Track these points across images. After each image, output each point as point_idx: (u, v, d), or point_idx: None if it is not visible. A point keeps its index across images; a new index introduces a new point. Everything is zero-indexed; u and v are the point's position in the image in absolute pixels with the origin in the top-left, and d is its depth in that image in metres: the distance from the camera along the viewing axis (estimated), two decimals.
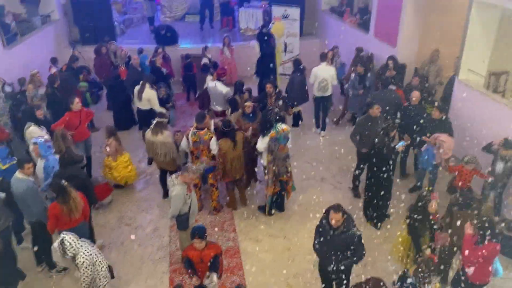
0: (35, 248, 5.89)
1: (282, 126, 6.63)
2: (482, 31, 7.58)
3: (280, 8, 12.38)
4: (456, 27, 8.44)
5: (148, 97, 8.51)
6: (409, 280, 4.57)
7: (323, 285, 5.20)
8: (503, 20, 7.58)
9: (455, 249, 5.51)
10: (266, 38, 10.52)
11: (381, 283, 4.30)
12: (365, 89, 9.08)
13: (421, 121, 7.21)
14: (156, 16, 13.86)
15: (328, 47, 11.55)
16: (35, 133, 7.00)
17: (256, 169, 7.88)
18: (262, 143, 6.65)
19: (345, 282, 4.98)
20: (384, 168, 6.43)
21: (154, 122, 7.05)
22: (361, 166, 7.49)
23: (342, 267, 4.79)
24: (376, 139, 6.50)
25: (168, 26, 12.92)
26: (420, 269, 4.55)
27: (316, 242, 4.92)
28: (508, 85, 8.18)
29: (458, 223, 5.27)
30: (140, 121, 9.06)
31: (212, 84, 8.78)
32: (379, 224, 6.89)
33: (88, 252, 4.79)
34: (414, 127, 7.23)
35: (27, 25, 11.07)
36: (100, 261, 4.94)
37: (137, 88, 8.57)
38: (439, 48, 9.23)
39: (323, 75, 9.16)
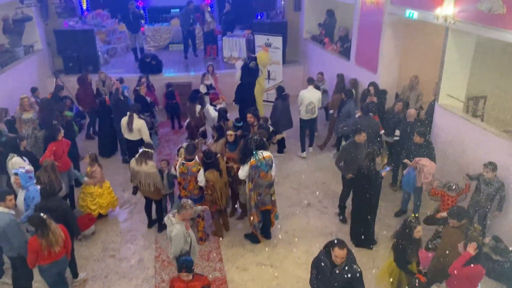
0: None
1: (263, 154, 6.57)
2: (459, 57, 7.82)
3: (263, 37, 12.62)
4: (435, 52, 8.69)
5: (138, 127, 8.43)
6: None
7: None
8: (478, 46, 7.86)
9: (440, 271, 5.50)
10: (249, 70, 10.63)
11: None
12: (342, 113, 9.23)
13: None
14: (137, 46, 13.88)
15: (310, 74, 11.77)
16: (18, 164, 6.88)
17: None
18: (242, 171, 6.60)
19: None
20: (369, 193, 6.47)
21: (140, 151, 7.01)
22: (347, 190, 7.52)
23: None
24: (361, 165, 6.55)
25: (153, 54, 13.03)
26: None
27: (313, 277, 4.67)
28: (487, 109, 8.40)
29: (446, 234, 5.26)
30: (130, 152, 8.72)
31: (211, 109, 9.15)
32: (366, 248, 6.87)
33: None
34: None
35: (9, 55, 11.04)
36: None
37: (125, 119, 8.45)
38: (419, 73, 9.48)
39: (310, 98, 9.48)
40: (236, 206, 7.91)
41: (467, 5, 6.98)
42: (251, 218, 6.83)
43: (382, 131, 8.48)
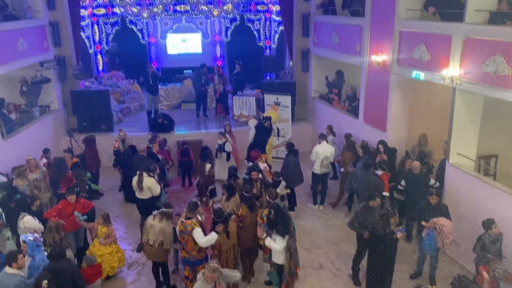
0: None
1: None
2: (468, 116, 7.88)
3: (272, 96, 12.93)
4: (443, 110, 8.78)
5: (148, 186, 8.41)
6: None
7: None
8: (487, 105, 7.93)
9: None
10: (264, 129, 10.85)
11: None
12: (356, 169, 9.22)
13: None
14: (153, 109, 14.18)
15: (319, 131, 11.89)
16: (29, 223, 6.90)
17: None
18: (280, 244, 6.30)
19: None
20: (385, 255, 6.30)
21: (161, 211, 6.98)
22: (361, 252, 7.34)
23: None
24: (376, 226, 6.44)
25: (165, 114, 13.32)
26: None
27: None
28: (499, 168, 8.33)
29: None
30: (141, 211, 8.67)
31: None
32: None
33: None
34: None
35: (26, 115, 11.37)
36: None
37: (135, 179, 8.45)
38: (428, 130, 9.54)
39: (325, 153, 9.70)
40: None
41: (473, 67, 7.15)
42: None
43: (386, 193, 8.46)
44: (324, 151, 9.74)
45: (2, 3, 10.65)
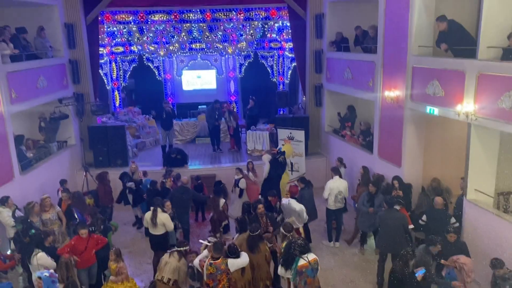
0: None
1: (308, 257, 6.25)
2: (485, 152, 7.79)
3: (285, 130, 12.99)
4: (459, 144, 8.67)
5: (162, 222, 8.38)
6: None
7: None
8: (504, 139, 7.83)
9: None
10: (278, 164, 10.85)
11: None
12: (374, 207, 9.07)
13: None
14: (167, 144, 14.34)
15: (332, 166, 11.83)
16: (42, 260, 6.91)
17: None
18: (285, 274, 6.36)
19: None
20: None
21: (178, 249, 6.95)
22: None
23: None
24: (394, 268, 6.28)
25: (178, 149, 13.45)
26: None
27: None
28: None
29: None
30: (154, 247, 8.61)
31: (285, 201, 8.96)
32: None
33: None
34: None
35: (44, 150, 11.57)
36: None
37: (148, 214, 8.45)
38: (444, 165, 9.40)
39: (339, 188, 9.59)
40: None
41: (488, 103, 7.13)
42: None
43: (411, 226, 8.25)
44: (338, 185, 9.63)
45: (25, 43, 11.08)
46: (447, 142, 9.72)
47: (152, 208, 8.47)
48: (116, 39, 16.53)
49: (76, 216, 9.18)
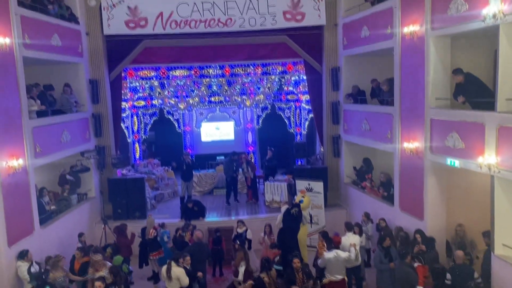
0: None
1: None
2: (510, 204, 7.56)
3: (304, 181, 12.89)
4: (483, 196, 8.44)
5: (177, 276, 8.23)
6: None
7: None
8: None
9: None
10: (290, 216, 10.62)
11: None
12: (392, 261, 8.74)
13: None
14: (186, 195, 14.37)
15: (353, 218, 11.57)
16: None
17: None
18: None
19: None
20: None
21: None
22: None
23: None
24: None
25: (196, 201, 13.41)
26: None
27: None
28: None
29: None
30: None
31: (331, 254, 8.61)
32: None
33: None
34: None
35: (64, 203, 11.68)
36: None
37: (164, 268, 8.38)
38: (468, 217, 9.12)
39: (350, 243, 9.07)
40: None
41: (510, 155, 7.00)
42: None
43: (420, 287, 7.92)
44: (349, 241, 9.06)
45: (51, 99, 11.54)
46: (470, 192, 9.45)
47: (167, 261, 8.44)
48: (138, 94, 17.08)
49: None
